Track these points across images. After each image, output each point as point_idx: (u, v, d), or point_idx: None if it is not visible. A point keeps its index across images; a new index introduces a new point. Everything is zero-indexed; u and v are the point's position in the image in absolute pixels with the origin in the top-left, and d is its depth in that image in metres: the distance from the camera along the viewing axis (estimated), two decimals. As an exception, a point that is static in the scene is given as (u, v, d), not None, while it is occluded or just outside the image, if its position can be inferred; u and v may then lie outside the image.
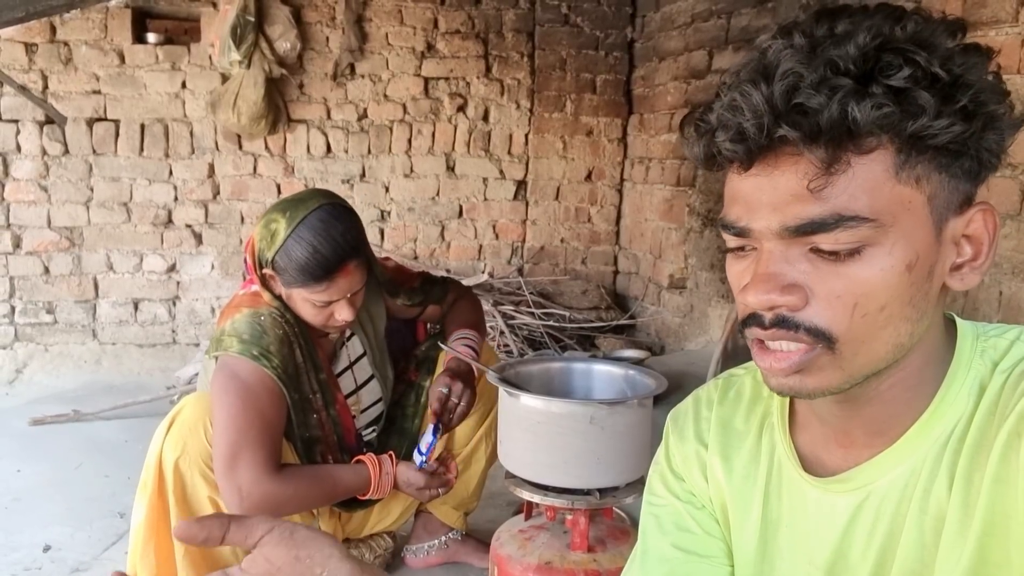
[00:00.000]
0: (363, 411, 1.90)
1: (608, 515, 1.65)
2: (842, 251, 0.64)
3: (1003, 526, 0.65)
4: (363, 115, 4.14)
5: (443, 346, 1.86)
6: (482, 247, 4.38)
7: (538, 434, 1.51)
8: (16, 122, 3.81)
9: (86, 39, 3.82)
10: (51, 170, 3.86)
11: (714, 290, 3.59)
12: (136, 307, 4.03)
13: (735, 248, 0.71)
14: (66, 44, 3.81)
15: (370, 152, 4.17)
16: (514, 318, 3.94)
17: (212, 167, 4.02)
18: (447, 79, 4.19)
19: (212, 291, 4.10)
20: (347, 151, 4.15)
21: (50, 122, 3.84)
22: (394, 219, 4.27)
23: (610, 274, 4.56)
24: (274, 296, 1.70)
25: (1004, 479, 0.65)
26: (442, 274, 2.79)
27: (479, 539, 2.05)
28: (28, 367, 3.91)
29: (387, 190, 4.23)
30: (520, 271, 4.38)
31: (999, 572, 0.65)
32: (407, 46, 4.12)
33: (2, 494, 2.55)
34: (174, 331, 4.08)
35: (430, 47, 4.16)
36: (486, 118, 4.26)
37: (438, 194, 4.28)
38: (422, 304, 1.98)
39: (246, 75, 3.79)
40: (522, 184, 4.37)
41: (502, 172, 4.33)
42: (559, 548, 1.56)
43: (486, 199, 4.34)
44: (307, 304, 1.67)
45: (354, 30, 4.02)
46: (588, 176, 4.43)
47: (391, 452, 1.80)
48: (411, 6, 4.10)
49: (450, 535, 2.02)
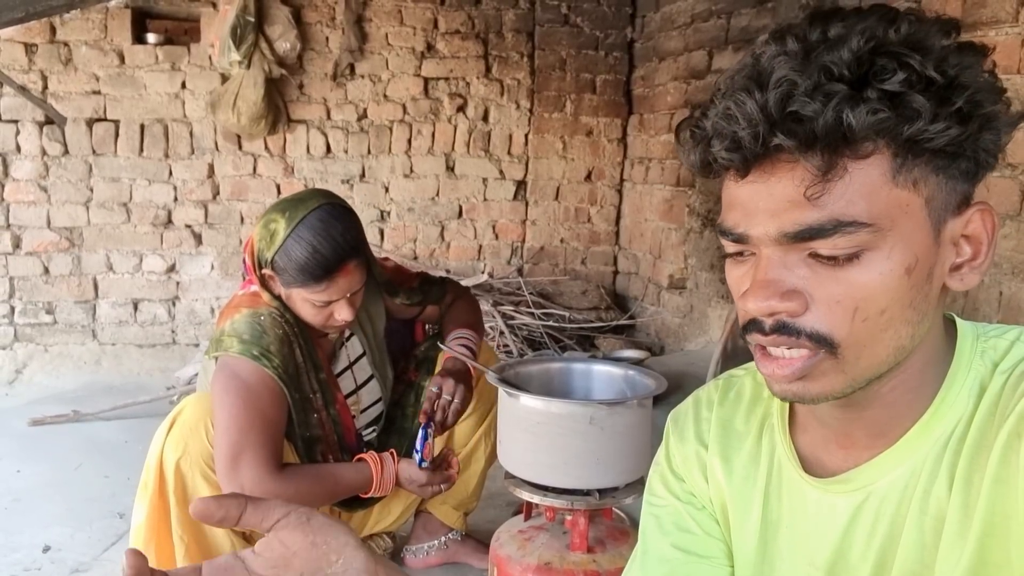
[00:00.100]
0: (363, 411, 1.90)
1: (607, 516, 1.65)
2: (841, 256, 0.64)
3: (1003, 526, 0.65)
4: (363, 115, 4.14)
5: (441, 346, 1.87)
6: (482, 247, 4.38)
7: (538, 434, 1.51)
8: (16, 122, 3.81)
9: (86, 39, 3.82)
10: (51, 170, 3.86)
11: (714, 290, 3.59)
12: (136, 307, 4.03)
13: (734, 253, 0.71)
14: (66, 44, 3.81)
15: (370, 152, 4.17)
16: (514, 318, 3.94)
17: (212, 167, 4.02)
18: (447, 79, 4.19)
19: (212, 291, 4.10)
20: (347, 151, 4.15)
21: (50, 122, 3.84)
22: (394, 219, 4.27)
23: (610, 274, 4.56)
24: (273, 296, 1.70)
25: (1004, 480, 0.65)
26: (441, 274, 2.79)
27: (479, 539, 2.06)
28: (28, 367, 3.91)
29: (387, 190, 4.23)
30: (520, 271, 4.38)
31: (999, 572, 0.65)
32: (407, 46, 4.12)
33: (2, 494, 2.55)
34: (174, 331, 4.08)
35: (430, 47, 4.15)
36: (486, 118, 4.26)
37: (438, 194, 4.28)
38: (421, 304, 1.99)
39: (246, 75, 3.79)
40: (522, 184, 4.37)
41: (502, 172, 4.33)
42: (558, 549, 1.56)
43: (486, 199, 4.34)
44: (307, 304, 1.67)
45: (354, 30, 4.02)
46: (588, 176, 4.43)
47: (392, 450, 1.80)
48: (411, 6, 4.09)
49: (450, 535, 2.02)
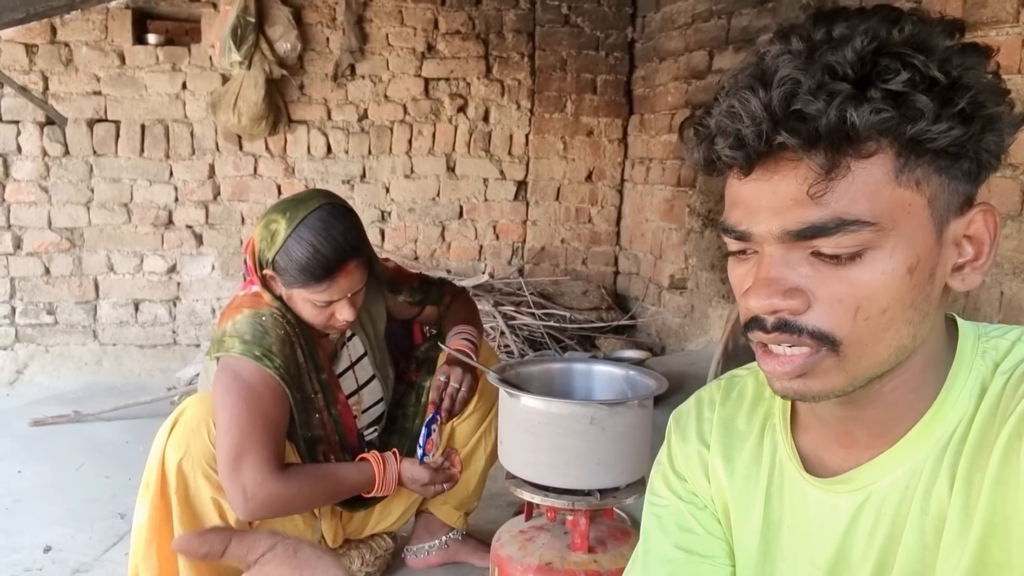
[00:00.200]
0: (364, 411, 1.90)
1: (609, 516, 1.65)
2: (843, 255, 0.64)
3: (1004, 527, 0.65)
4: (363, 116, 4.14)
5: (442, 346, 1.87)
6: (482, 248, 4.38)
7: (538, 435, 1.51)
8: (17, 123, 3.81)
9: (86, 40, 3.82)
10: (51, 171, 3.87)
11: (714, 290, 3.58)
12: (137, 308, 4.04)
13: (736, 251, 0.71)
14: (67, 45, 3.81)
15: (370, 153, 4.17)
16: (514, 319, 3.94)
17: (212, 168, 4.02)
18: (447, 80, 4.19)
19: (212, 292, 4.10)
20: (347, 152, 4.15)
21: (50, 123, 3.84)
22: (394, 220, 4.27)
23: (611, 274, 4.56)
24: (275, 297, 1.70)
25: (1005, 480, 0.65)
26: (440, 275, 2.80)
27: (480, 539, 2.06)
28: (29, 368, 3.91)
29: (387, 191, 4.24)
30: (520, 272, 4.38)
31: (1000, 573, 0.65)
32: (407, 47, 4.12)
33: (3, 495, 2.55)
34: (175, 332, 4.08)
35: (430, 48, 4.16)
36: (486, 119, 4.26)
37: (438, 195, 4.28)
38: (421, 303, 1.99)
39: (246, 76, 3.79)
40: (522, 184, 4.38)
41: (502, 172, 4.33)
42: (560, 549, 1.56)
43: (486, 200, 4.34)
44: (308, 304, 1.67)
45: (354, 31, 4.02)
46: (588, 176, 4.43)
47: (395, 450, 1.80)
48: (411, 7, 4.10)
49: (451, 535, 2.02)
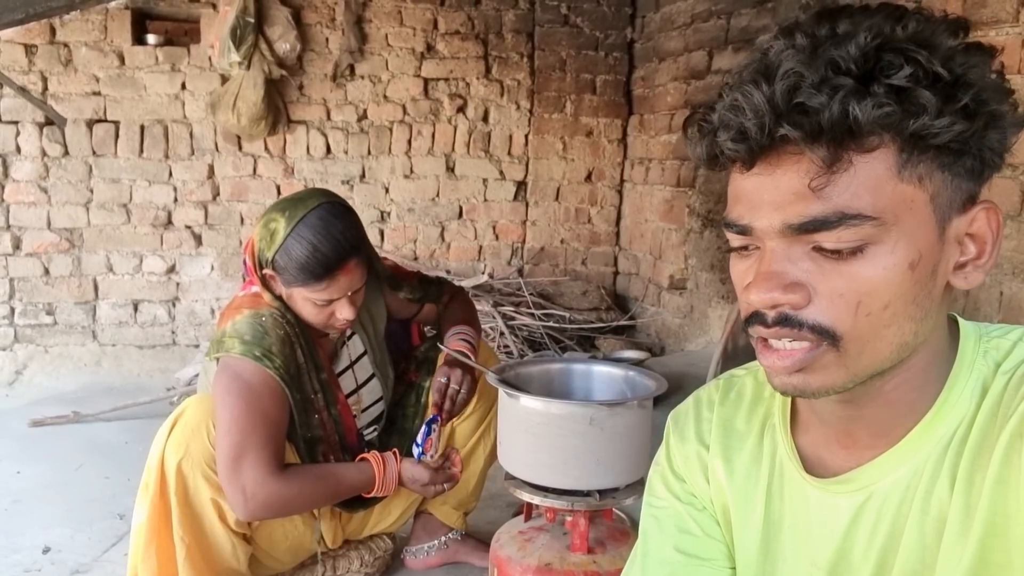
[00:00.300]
0: (364, 410, 1.90)
1: (608, 516, 1.65)
2: (845, 249, 0.64)
3: (1004, 527, 0.65)
4: (363, 116, 4.14)
5: (441, 346, 1.87)
6: (482, 248, 4.38)
7: (538, 435, 1.51)
8: (16, 123, 3.81)
9: (86, 40, 3.82)
10: (51, 171, 3.86)
11: (714, 291, 3.58)
12: (136, 308, 4.03)
13: (738, 247, 0.71)
14: (66, 45, 3.81)
15: (370, 153, 4.17)
16: (514, 319, 3.94)
17: (212, 168, 4.02)
18: (447, 80, 4.19)
19: (212, 292, 4.09)
20: (347, 152, 4.15)
21: (50, 123, 3.83)
22: (394, 220, 4.26)
23: (610, 275, 4.56)
24: (274, 297, 1.70)
25: (1006, 480, 0.64)
26: (438, 275, 2.80)
27: (479, 539, 2.05)
28: (28, 368, 3.91)
29: (387, 191, 4.23)
30: (520, 272, 4.38)
31: (1000, 573, 0.65)
32: (407, 47, 4.12)
33: (2, 496, 2.55)
34: (174, 332, 4.08)
35: (430, 48, 4.15)
36: (486, 119, 4.26)
37: (438, 195, 4.28)
38: (421, 301, 1.99)
39: (246, 76, 3.79)
40: (522, 185, 4.37)
41: (502, 173, 4.33)
42: (559, 549, 1.56)
43: (486, 200, 4.34)
44: (308, 303, 1.67)
45: (354, 31, 4.02)
46: (588, 177, 4.43)
47: (395, 449, 1.80)
48: (411, 7, 4.09)
49: (450, 535, 2.02)
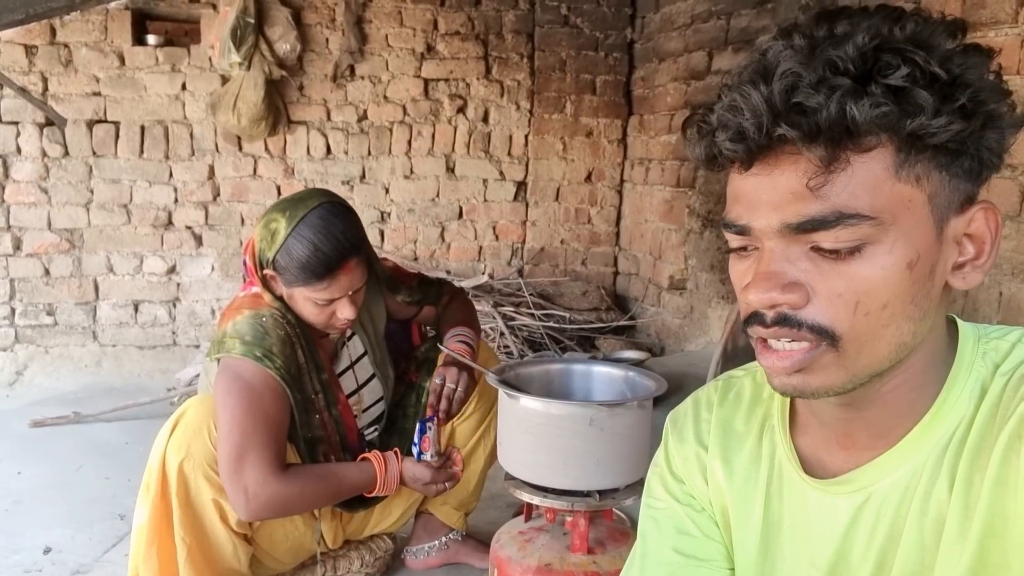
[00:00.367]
0: (364, 410, 1.90)
1: (608, 517, 1.65)
2: (843, 249, 0.64)
3: (1002, 528, 0.65)
4: (363, 116, 4.14)
5: (441, 347, 1.87)
6: (482, 248, 4.38)
7: (538, 436, 1.51)
8: (16, 124, 3.81)
9: (86, 41, 3.82)
10: (51, 172, 3.86)
11: (714, 291, 3.58)
12: (136, 309, 4.03)
13: (737, 248, 0.71)
14: (66, 46, 3.81)
15: (370, 153, 4.17)
16: (514, 319, 3.94)
17: (212, 169, 4.02)
18: (447, 80, 4.19)
19: (212, 293, 4.09)
20: (347, 152, 4.15)
21: (50, 124, 3.84)
22: (394, 220, 4.27)
23: (610, 275, 4.56)
24: (275, 297, 1.70)
25: (1004, 481, 0.65)
26: (439, 275, 2.80)
27: (479, 540, 2.05)
28: (28, 369, 3.91)
29: (387, 191, 4.23)
30: (520, 272, 4.38)
31: (998, 574, 0.65)
32: (407, 47, 4.12)
33: (3, 496, 2.55)
34: (174, 333, 4.08)
35: (430, 48, 4.16)
36: (486, 119, 4.26)
37: (438, 195, 4.28)
38: (420, 303, 1.99)
39: (246, 77, 3.79)
40: (522, 185, 4.37)
41: (502, 173, 4.33)
42: (559, 550, 1.56)
43: (486, 200, 4.34)
44: (309, 303, 1.67)
45: (354, 32, 4.02)
46: (588, 177, 4.43)
47: (396, 449, 1.80)
48: (411, 7, 4.10)
49: (450, 535, 2.02)
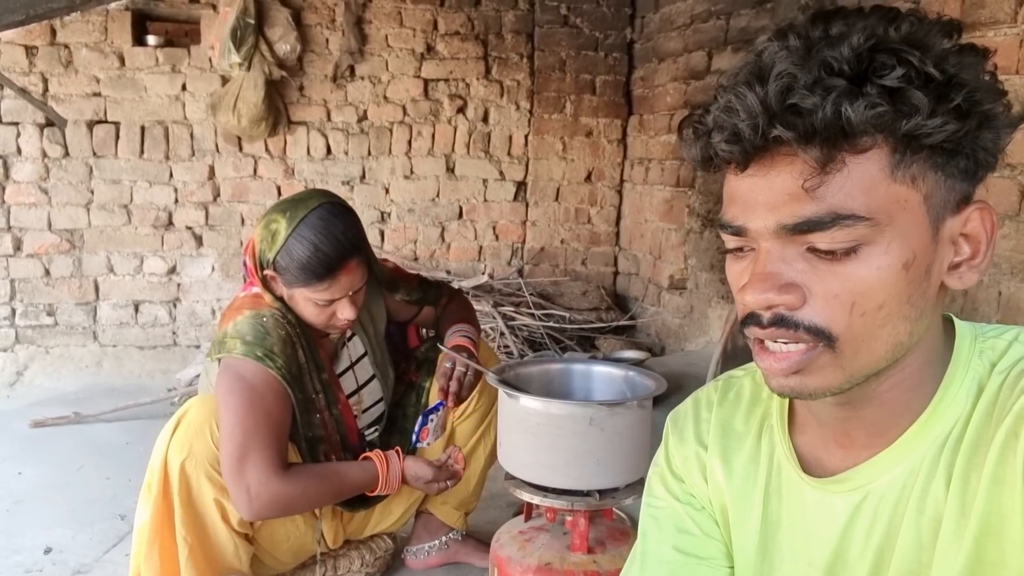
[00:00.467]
0: (365, 411, 1.91)
1: (608, 516, 1.65)
2: (839, 250, 0.64)
3: (999, 526, 0.65)
4: (363, 117, 4.15)
5: (441, 347, 1.87)
6: (482, 248, 4.38)
7: (538, 435, 1.51)
8: (16, 124, 3.81)
9: (86, 41, 3.82)
10: (51, 172, 3.87)
11: (714, 291, 3.58)
12: (137, 309, 4.04)
13: (734, 249, 0.71)
14: (66, 47, 3.81)
15: (370, 154, 4.18)
16: (514, 319, 3.94)
17: (212, 169, 4.03)
18: (447, 80, 4.19)
19: (213, 293, 4.10)
20: (347, 153, 4.15)
21: (50, 124, 3.84)
22: (394, 220, 4.27)
23: (610, 275, 4.56)
24: (275, 297, 1.71)
25: (1001, 479, 0.65)
26: (439, 276, 2.80)
27: (479, 539, 2.06)
28: (29, 369, 3.91)
29: (387, 191, 4.24)
30: (520, 272, 4.38)
31: (995, 572, 0.65)
32: (407, 48, 4.12)
33: (3, 497, 2.55)
34: (175, 333, 4.08)
35: (430, 49, 4.16)
36: (486, 119, 4.27)
37: (438, 195, 4.29)
38: (419, 303, 2.00)
39: (246, 77, 3.79)
40: (522, 185, 4.38)
41: (502, 173, 4.33)
42: (559, 549, 1.56)
43: (486, 200, 4.34)
44: (309, 304, 1.67)
45: (354, 32, 4.03)
46: (588, 177, 4.43)
47: (397, 448, 1.81)
48: (411, 8, 4.10)
49: (450, 535, 2.03)
